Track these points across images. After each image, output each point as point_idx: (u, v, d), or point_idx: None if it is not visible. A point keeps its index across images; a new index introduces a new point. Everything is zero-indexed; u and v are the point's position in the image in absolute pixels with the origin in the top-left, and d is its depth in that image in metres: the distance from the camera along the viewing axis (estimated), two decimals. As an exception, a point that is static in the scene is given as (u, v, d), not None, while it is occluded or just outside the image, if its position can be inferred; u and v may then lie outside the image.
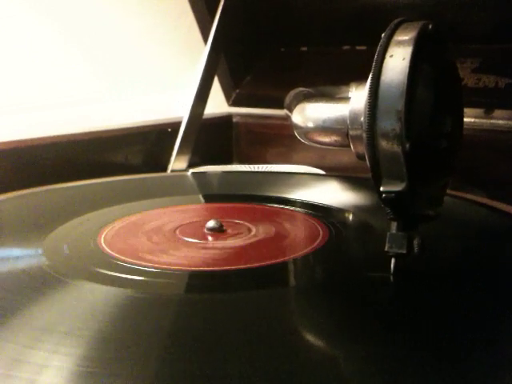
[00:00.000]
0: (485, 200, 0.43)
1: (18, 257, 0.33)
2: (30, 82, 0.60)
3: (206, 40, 0.62)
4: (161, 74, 0.72)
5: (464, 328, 0.24)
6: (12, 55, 0.59)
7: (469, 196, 0.44)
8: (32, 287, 0.28)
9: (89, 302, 0.27)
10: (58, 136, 0.55)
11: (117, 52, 0.67)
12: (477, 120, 0.52)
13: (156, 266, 0.31)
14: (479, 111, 0.52)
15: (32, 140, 0.53)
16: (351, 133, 0.30)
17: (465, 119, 0.31)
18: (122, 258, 0.32)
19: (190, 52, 0.68)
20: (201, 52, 0.61)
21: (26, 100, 0.60)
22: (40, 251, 0.32)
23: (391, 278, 0.29)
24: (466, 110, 0.32)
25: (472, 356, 0.22)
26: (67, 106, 0.62)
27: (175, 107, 0.68)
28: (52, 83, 0.62)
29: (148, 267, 0.30)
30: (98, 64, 0.66)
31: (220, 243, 0.35)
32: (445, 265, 0.32)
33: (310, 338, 0.24)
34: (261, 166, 0.56)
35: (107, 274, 0.29)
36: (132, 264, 0.31)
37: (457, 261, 0.33)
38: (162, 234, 0.36)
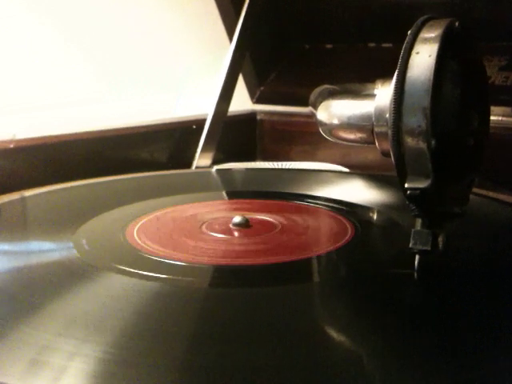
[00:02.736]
0: (511, 199, 0.42)
1: (49, 250, 0.34)
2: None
3: (231, 38, 0.63)
4: (182, 72, 0.72)
5: (486, 326, 0.24)
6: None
7: (495, 195, 0.44)
8: (63, 279, 0.29)
9: (117, 293, 0.27)
10: (86, 133, 0.56)
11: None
12: (504, 118, 0.51)
13: (183, 259, 0.31)
14: (507, 109, 0.51)
15: (60, 136, 0.54)
16: (376, 129, 0.30)
17: (492, 117, 0.31)
18: (150, 251, 0.32)
19: (212, 50, 0.68)
20: (223, 49, 0.62)
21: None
22: (70, 245, 0.33)
23: (415, 274, 0.29)
24: (494, 109, 0.32)
25: (493, 354, 0.22)
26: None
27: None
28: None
29: (175, 261, 0.31)
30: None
31: (246, 239, 0.35)
32: (469, 263, 0.32)
33: (334, 333, 0.25)
34: (284, 163, 0.57)
35: (135, 267, 0.30)
36: (160, 257, 0.31)
37: (481, 259, 0.32)
38: (188, 229, 0.37)
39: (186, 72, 0.72)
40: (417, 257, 0.29)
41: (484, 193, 0.43)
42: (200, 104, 0.64)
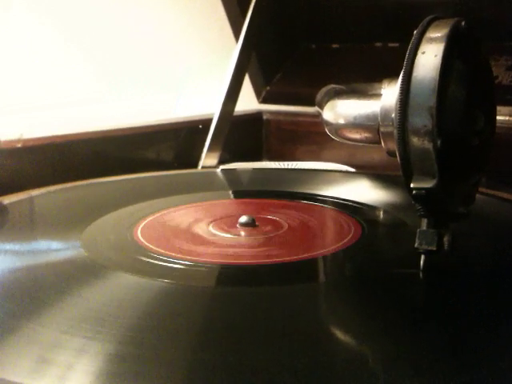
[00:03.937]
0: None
1: (56, 249, 0.34)
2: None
3: (236, 37, 0.63)
4: (182, 72, 0.72)
5: (491, 326, 0.24)
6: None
7: (501, 194, 0.43)
8: (70, 278, 0.29)
9: (124, 292, 0.27)
10: (93, 132, 0.56)
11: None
12: (511, 118, 0.51)
13: (189, 258, 0.31)
14: (514, 109, 0.51)
15: (67, 136, 0.54)
16: (382, 129, 0.30)
17: (499, 117, 0.31)
18: (157, 250, 0.32)
19: (216, 49, 0.68)
20: (228, 49, 0.62)
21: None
22: (78, 244, 0.33)
23: (421, 274, 0.29)
24: (500, 108, 0.31)
25: (500, 353, 0.22)
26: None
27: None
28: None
29: (181, 260, 0.31)
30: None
31: (252, 238, 0.35)
32: (475, 263, 0.32)
33: (340, 333, 0.25)
34: (290, 163, 0.57)
35: (142, 266, 0.30)
36: (166, 256, 0.31)
37: (487, 259, 0.32)
38: (195, 229, 0.37)
39: (187, 72, 0.72)
40: (422, 257, 0.29)
41: (490, 192, 0.43)
42: (200, 104, 0.65)
